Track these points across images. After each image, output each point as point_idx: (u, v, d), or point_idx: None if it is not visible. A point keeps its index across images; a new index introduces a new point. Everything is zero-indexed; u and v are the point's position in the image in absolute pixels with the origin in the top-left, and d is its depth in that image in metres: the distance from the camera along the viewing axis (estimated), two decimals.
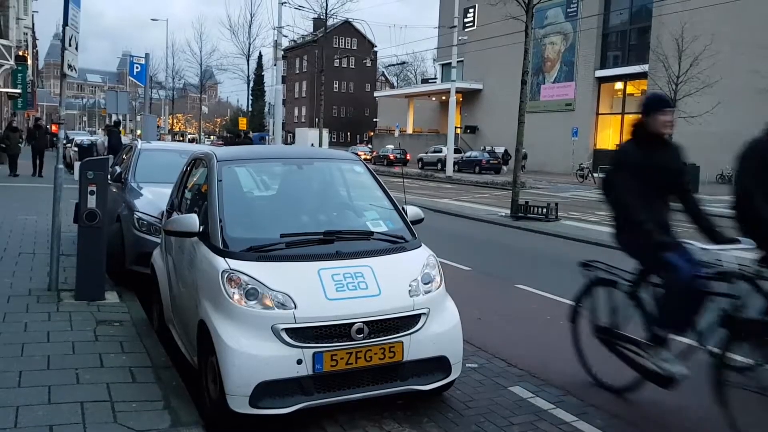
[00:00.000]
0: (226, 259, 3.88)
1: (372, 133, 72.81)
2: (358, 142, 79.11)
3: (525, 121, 16.44)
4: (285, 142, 62.33)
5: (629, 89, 40.28)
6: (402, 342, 3.86)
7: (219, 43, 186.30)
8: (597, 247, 12.07)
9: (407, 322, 3.91)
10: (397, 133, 58.71)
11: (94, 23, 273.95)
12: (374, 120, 77.34)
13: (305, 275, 3.82)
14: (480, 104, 50.98)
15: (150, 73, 29.74)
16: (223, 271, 3.80)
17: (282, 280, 3.77)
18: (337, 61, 77.37)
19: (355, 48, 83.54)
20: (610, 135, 41.48)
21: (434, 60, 65.20)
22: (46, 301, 6.21)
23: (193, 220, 4.25)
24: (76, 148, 25.50)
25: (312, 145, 32.55)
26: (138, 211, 7.09)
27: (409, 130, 59.87)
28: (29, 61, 44.60)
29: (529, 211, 15.84)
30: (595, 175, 34.34)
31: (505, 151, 40.17)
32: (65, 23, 6.61)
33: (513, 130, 19.83)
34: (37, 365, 4.54)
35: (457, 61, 37.59)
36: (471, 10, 50.60)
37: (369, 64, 75.71)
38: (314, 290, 3.75)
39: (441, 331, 4.04)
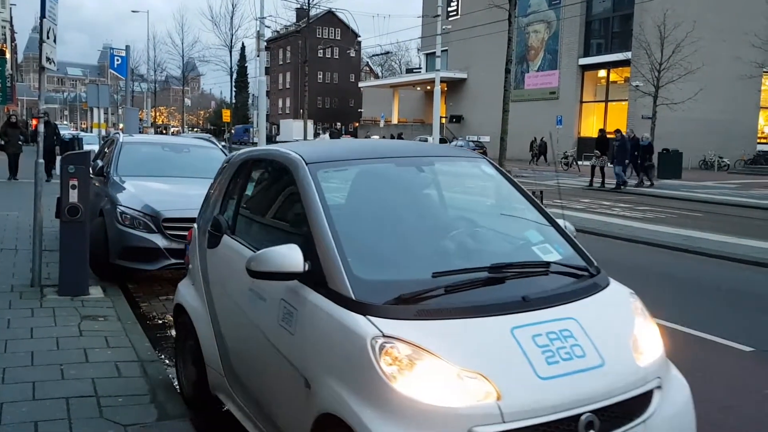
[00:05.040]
0: (369, 317, 2.54)
1: (357, 124, 72.68)
2: (343, 133, 78.95)
3: (510, 110, 16.50)
4: (269, 134, 62.09)
5: (612, 77, 40.46)
6: None
7: (201, 35, 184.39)
8: (581, 234, 12.15)
9: (640, 404, 2.68)
10: (382, 124, 58.63)
11: (73, 16, 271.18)
12: (359, 110, 77.17)
13: (497, 340, 2.55)
14: (465, 93, 50.98)
15: (131, 66, 29.44)
16: (374, 339, 2.46)
17: (467, 350, 2.48)
18: (321, 51, 77.00)
19: (338, 38, 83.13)
20: (594, 123, 41.70)
21: (418, 50, 65.14)
22: (29, 297, 6.14)
23: (292, 255, 2.85)
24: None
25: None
26: (121, 205, 7.02)
27: (395, 120, 59.79)
28: (8, 55, 43.96)
29: None
30: (579, 163, 34.53)
31: (542, 140, 39.36)
32: (43, 15, 6.51)
33: (498, 119, 19.89)
34: (21, 361, 4.49)
35: (442, 51, 37.55)
36: None
37: (353, 55, 75.37)
38: (519, 366, 2.48)
39: (675, 411, 2.80)
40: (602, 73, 41.34)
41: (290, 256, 2.84)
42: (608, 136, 22.80)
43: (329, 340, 2.65)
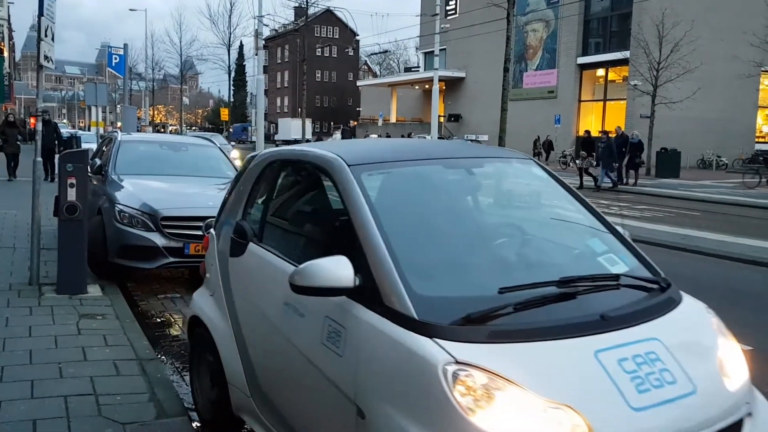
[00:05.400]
0: (435, 339, 2.25)
1: (355, 123, 72.69)
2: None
3: (508, 109, 16.50)
4: (267, 133, 62.09)
5: (611, 76, 40.45)
6: None
7: (199, 33, 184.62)
8: None
9: None
10: (380, 122, 58.59)
11: (71, 14, 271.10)
12: (357, 109, 77.11)
13: (582, 366, 2.27)
14: (463, 92, 50.96)
15: (129, 64, 29.45)
16: (446, 365, 2.16)
17: (551, 378, 2.20)
18: (319, 50, 76.97)
19: (336, 37, 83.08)
20: (592, 122, 41.71)
21: (417, 48, 65.07)
22: (28, 296, 6.14)
23: (342, 268, 2.54)
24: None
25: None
26: (119, 204, 7.02)
27: (393, 119, 59.76)
28: (6, 53, 43.92)
29: None
30: (577, 162, 34.61)
31: (547, 138, 38.80)
32: (41, 14, 6.51)
33: (496, 118, 19.90)
34: (19, 360, 4.49)
35: (440, 50, 37.53)
36: None
37: (351, 53, 75.32)
38: (608, 395, 2.20)
39: None
40: (601, 72, 41.32)
41: (339, 269, 2.53)
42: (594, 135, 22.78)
43: (389, 364, 2.33)
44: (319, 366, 2.68)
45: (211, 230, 4.01)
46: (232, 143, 40.60)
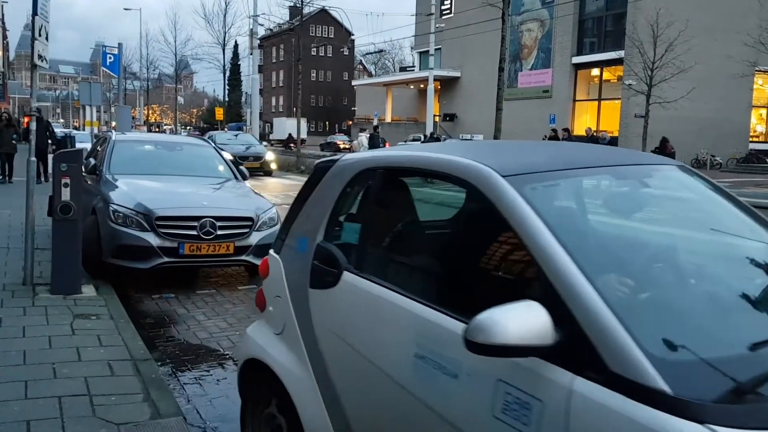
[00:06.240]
0: (710, 426, 1.56)
1: (350, 122, 72.67)
2: (336, 131, 78.96)
3: (503, 108, 16.54)
4: (263, 132, 62.12)
5: (606, 75, 40.55)
6: None
7: (194, 32, 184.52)
8: None
9: None
10: (375, 122, 58.60)
11: (65, 13, 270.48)
12: (352, 109, 77.12)
13: None
14: (458, 92, 51.00)
15: (124, 64, 29.39)
16: None
17: None
18: (315, 49, 76.90)
19: (332, 36, 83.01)
20: (587, 121, 41.82)
21: (412, 48, 65.09)
22: (22, 296, 6.11)
23: (538, 320, 1.84)
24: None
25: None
26: (113, 204, 7.00)
27: (388, 119, 59.79)
28: None
29: None
30: None
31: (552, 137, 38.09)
32: (35, 13, 6.49)
33: (491, 118, 19.92)
34: (13, 360, 4.47)
35: (435, 49, 37.62)
36: None
37: (346, 53, 75.46)
38: None
39: None
40: (595, 71, 41.42)
41: (533, 321, 1.82)
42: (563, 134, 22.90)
43: None
44: None
45: (271, 252, 3.25)
46: (264, 143, 38.12)
